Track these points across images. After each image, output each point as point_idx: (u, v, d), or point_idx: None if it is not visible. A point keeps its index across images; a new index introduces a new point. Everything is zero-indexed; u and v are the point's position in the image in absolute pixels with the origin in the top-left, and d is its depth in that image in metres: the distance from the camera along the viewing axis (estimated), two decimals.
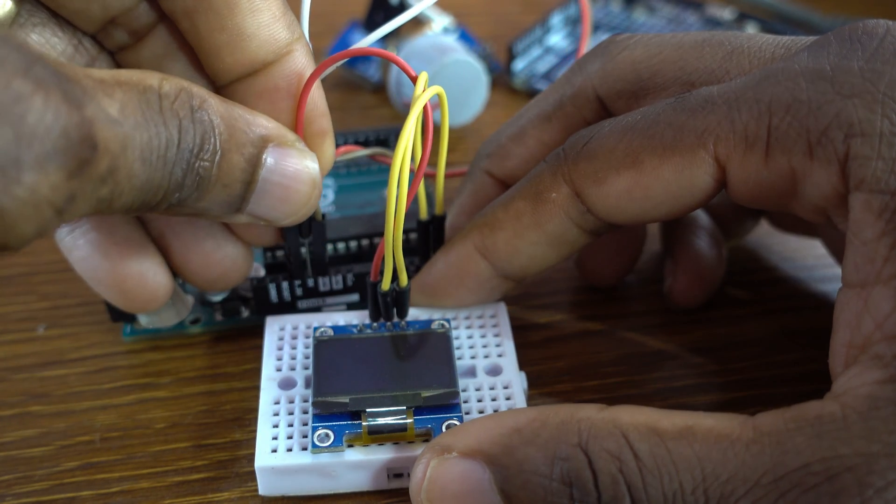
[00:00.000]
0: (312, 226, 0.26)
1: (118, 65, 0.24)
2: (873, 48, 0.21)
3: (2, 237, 0.17)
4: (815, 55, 0.21)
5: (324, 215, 0.26)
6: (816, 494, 0.18)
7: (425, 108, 0.22)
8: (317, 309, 0.28)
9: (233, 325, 0.29)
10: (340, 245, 0.28)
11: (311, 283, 0.28)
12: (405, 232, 0.28)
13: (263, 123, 0.22)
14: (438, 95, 0.23)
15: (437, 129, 0.25)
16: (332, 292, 0.28)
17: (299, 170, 0.22)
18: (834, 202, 0.21)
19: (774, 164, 0.21)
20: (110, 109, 0.18)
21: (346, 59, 0.24)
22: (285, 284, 0.28)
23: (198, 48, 0.22)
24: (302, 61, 0.23)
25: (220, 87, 0.23)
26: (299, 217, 0.23)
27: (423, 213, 0.26)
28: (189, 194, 0.20)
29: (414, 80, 0.22)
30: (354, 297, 0.28)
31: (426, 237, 0.27)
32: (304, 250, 0.27)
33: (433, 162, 0.25)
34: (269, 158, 0.22)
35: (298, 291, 0.28)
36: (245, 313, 0.29)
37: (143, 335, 0.29)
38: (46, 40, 0.22)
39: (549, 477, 0.19)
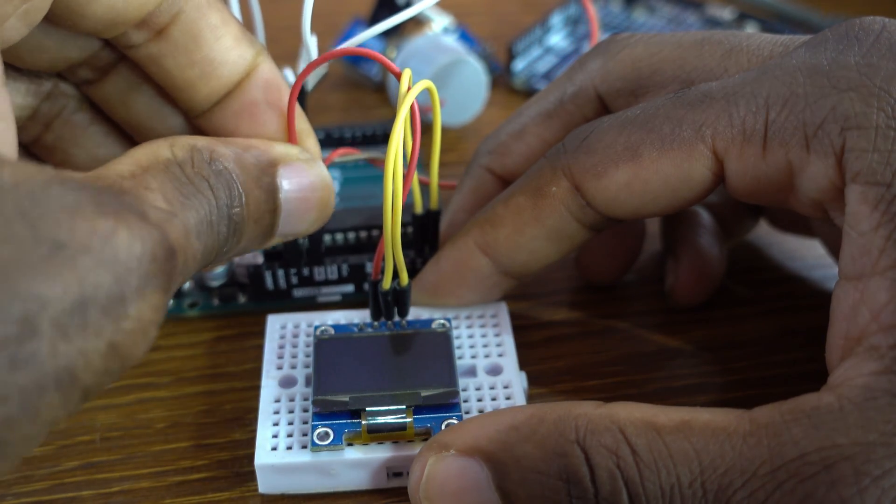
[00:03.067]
0: None
1: (84, 97, 0.24)
2: (869, 44, 0.21)
3: (122, 367, 0.17)
4: (813, 51, 0.21)
5: None
6: (814, 484, 0.18)
7: (413, 106, 0.22)
8: (312, 298, 0.29)
9: (229, 311, 0.29)
10: (339, 236, 0.29)
11: (306, 271, 0.28)
12: (402, 226, 0.28)
13: (264, 149, 0.22)
14: (428, 90, 0.23)
15: (431, 127, 0.25)
16: (327, 282, 0.29)
17: (313, 181, 0.22)
18: (831, 195, 0.21)
19: (772, 157, 0.21)
20: (159, 203, 0.18)
21: (332, 59, 0.24)
22: (281, 272, 0.28)
23: (169, 86, 0.22)
24: (269, 69, 0.23)
25: (197, 117, 0.23)
26: (325, 220, 0.23)
27: (419, 207, 0.27)
28: (232, 245, 0.21)
29: (398, 76, 0.22)
30: (349, 288, 0.29)
31: (421, 232, 0.27)
32: (300, 239, 0.27)
33: (426, 160, 0.25)
34: (283, 181, 0.22)
35: (294, 280, 0.28)
36: (242, 299, 0.29)
37: None
38: (10, 90, 0.22)
39: (547, 473, 0.20)
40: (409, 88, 0.22)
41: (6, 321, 0.14)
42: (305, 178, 0.22)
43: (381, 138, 0.34)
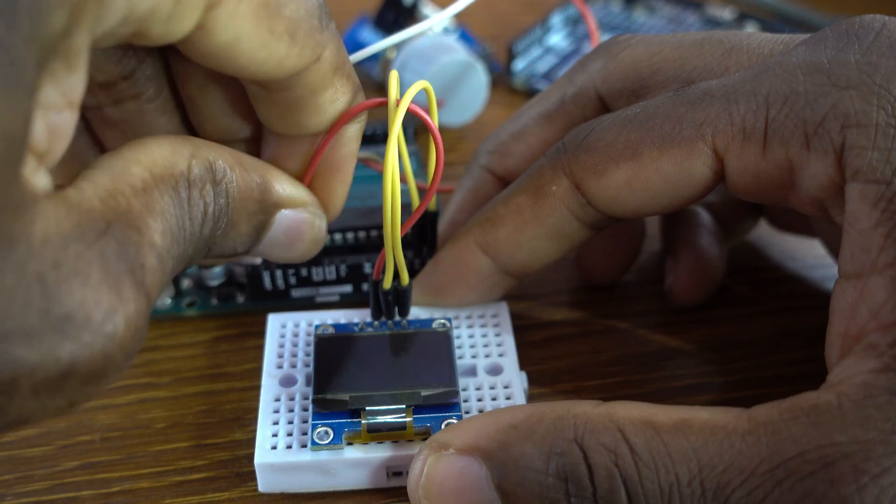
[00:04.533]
0: None
1: (166, 90, 0.23)
2: (869, 42, 0.21)
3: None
4: (813, 49, 0.22)
5: None
6: (813, 481, 0.18)
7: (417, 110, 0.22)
8: (310, 298, 0.29)
9: (228, 310, 0.29)
10: (337, 236, 0.29)
11: (304, 271, 0.28)
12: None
13: (278, 191, 0.21)
14: (425, 90, 0.23)
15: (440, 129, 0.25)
16: (325, 282, 0.29)
17: (304, 231, 0.22)
18: (830, 193, 0.21)
19: (772, 155, 0.21)
20: (156, 239, 0.18)
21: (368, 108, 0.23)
22: (279, 272, 0.28)
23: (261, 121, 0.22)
24: (353, 128, 0.22)
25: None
26: (302, 259, 0.23)
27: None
28: (198, 258, 0.20)
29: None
30: (348, 288, 0.29)
31: (419, 232, 0.27)
32: None
33: (423, 160, 0.25)
34: (277, 220, 0.21)
35: (292, 280, 0.28)
36: (240, 299, 0.29)
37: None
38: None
39: (545, 472, 0.20)
40: (400, 94, 0.22)
41: None
42: (300, 226, 0.22)
43: (381, 138, 0.34)
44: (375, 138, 0.34)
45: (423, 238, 0.28)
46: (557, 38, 0.43)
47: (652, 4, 0.46)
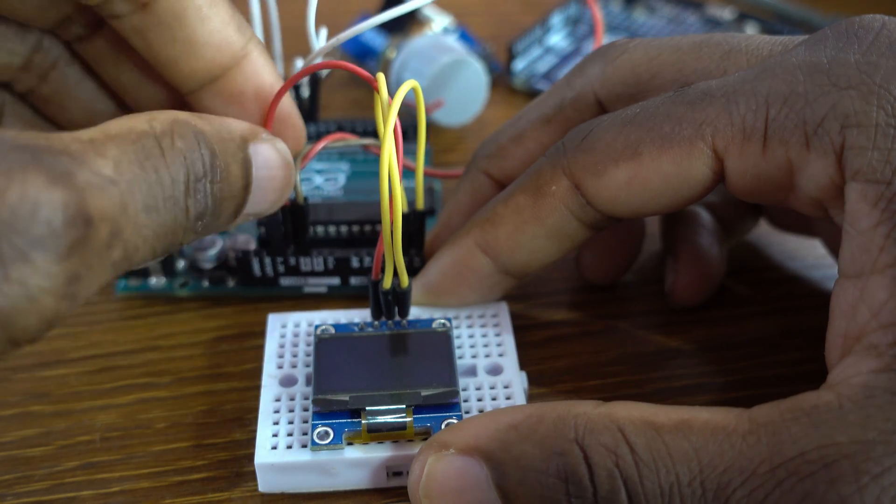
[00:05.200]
0: (294, 207, 0.27)
1: (76, 55, 0.25)
2: (869, 42, 0.21)
3: (6, 336, 0.16)
4: (813, 49, 0.21)
5: (305, 198, 0.27)
6: (813, 482, 0.18)
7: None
8: (299, 288, 0.29)
9: (218, 293, 0.30)
10: (332, 228, 0.29)
11: (293, 261, 0.29)
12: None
13: (238, 126, 0.22)
14: (414, 90, 0.23)
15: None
16: (313, 273, 0.29)
17: (275, 157, 0.23)
18: (831, 193, 0.21)
19: (772, 155, 0.21)
20: (104, 170, 0.18)
21: (305, 75, 0.24)
22: (268, 260, 0.29)
23: (153, 61, 0.23)
24: (259, 62, 0.24)
25: (185, 95, 0.24)
26: (282, 202, 0.24)
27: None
28: (211, 219, 0.21)
29: (372, 83, 0.23)
30: (335, 281, 0.29)
31: (405, 233, 0.27)
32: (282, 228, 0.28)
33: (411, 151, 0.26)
34: (254, 153, 0.22)
35: (280, 268, 0.29)
36: (231, 283, 0.30)
37: (135, 291, 0.30)
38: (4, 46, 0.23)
39: (546, 472, 0.20)
40: (389, 95, 0.22)
41: None
42: (271, 155, 0.23)
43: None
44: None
45: (409, 239, 0.28)
46: (557, 38, 0.43)
47: (652, 4, 0.46)
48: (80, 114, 0.25)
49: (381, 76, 0.22)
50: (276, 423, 0.24)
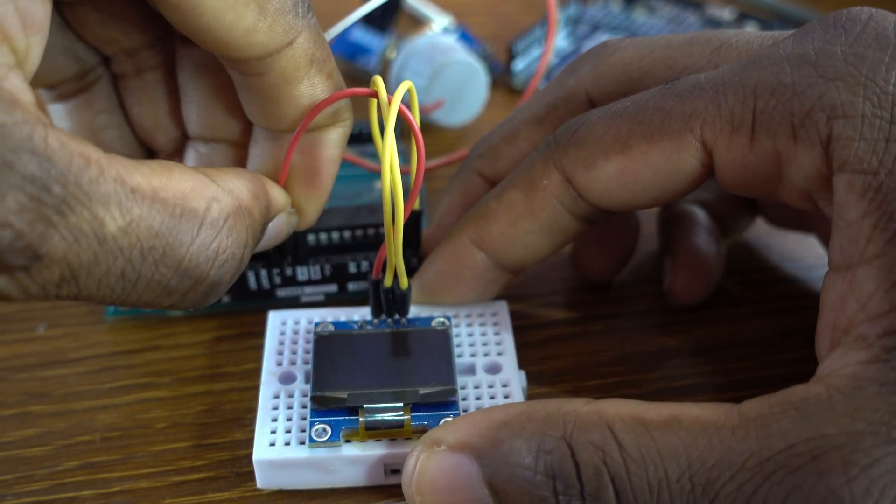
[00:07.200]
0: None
1: (117, 91, 0.25)
2: (856, 33, 0.21)
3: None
4: (800, 41, 0.22)
5: None
6: (802, 474, 0.18)
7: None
8: (296, 298, 0.29)
9: (212, 311, 0.29)
10: (323, 236, 0.29)
11: (289, 271, 0.28)
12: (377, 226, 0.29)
13: (275, 198, 0.23)
14: (409, 91, 0.23)
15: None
16: (310, 282, 0.29)
17: (282, 231, 0.24)
18: (818, 185, 0.21)
19: (760, 147, 0.21)
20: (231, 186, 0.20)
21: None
22: (264, 272, 0.28)
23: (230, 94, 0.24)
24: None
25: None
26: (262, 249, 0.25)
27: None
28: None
29: (374, 96, 0.23)
30: (332, 288, 0.29)
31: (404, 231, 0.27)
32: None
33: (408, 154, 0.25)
34: (269, 225, 0.23)
35: (277, 280, 0.29)
36: (226, 299, 0.29)
37: (125, 315, 0.29)
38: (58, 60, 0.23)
39: (534, 470, 0.20)
40: (389, 97, 0.22)
41: None
42: (282, 228, 0.24)
43: (366, 136, 0.34)
44: (362, 137, 0.34)
45: (406, 239, 0.28)
46: (557, 38, 0.43)
47: (652, 4, 0.46)
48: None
49: (378, 79, 0.22)
50: (274, 420, 0.24)
